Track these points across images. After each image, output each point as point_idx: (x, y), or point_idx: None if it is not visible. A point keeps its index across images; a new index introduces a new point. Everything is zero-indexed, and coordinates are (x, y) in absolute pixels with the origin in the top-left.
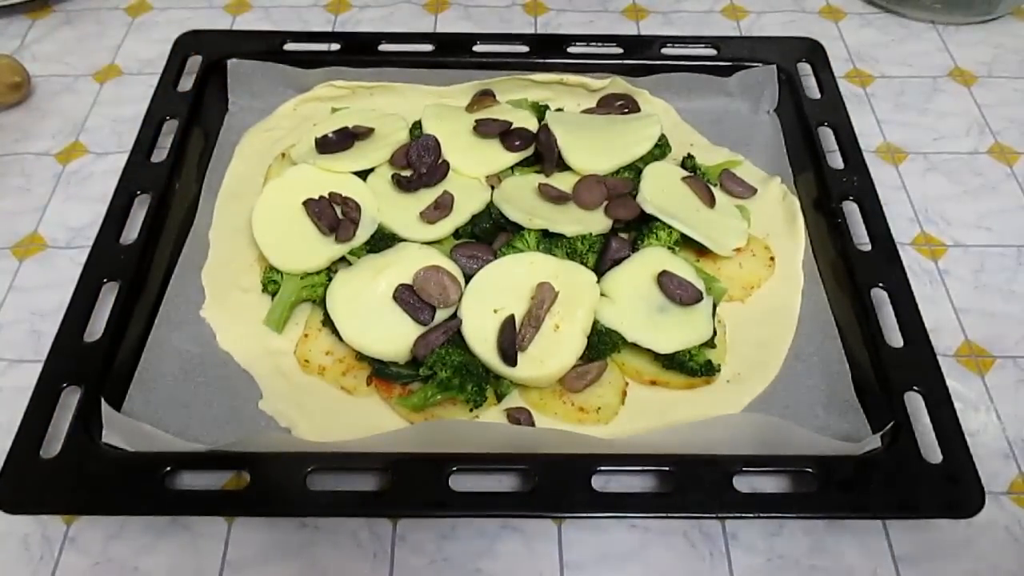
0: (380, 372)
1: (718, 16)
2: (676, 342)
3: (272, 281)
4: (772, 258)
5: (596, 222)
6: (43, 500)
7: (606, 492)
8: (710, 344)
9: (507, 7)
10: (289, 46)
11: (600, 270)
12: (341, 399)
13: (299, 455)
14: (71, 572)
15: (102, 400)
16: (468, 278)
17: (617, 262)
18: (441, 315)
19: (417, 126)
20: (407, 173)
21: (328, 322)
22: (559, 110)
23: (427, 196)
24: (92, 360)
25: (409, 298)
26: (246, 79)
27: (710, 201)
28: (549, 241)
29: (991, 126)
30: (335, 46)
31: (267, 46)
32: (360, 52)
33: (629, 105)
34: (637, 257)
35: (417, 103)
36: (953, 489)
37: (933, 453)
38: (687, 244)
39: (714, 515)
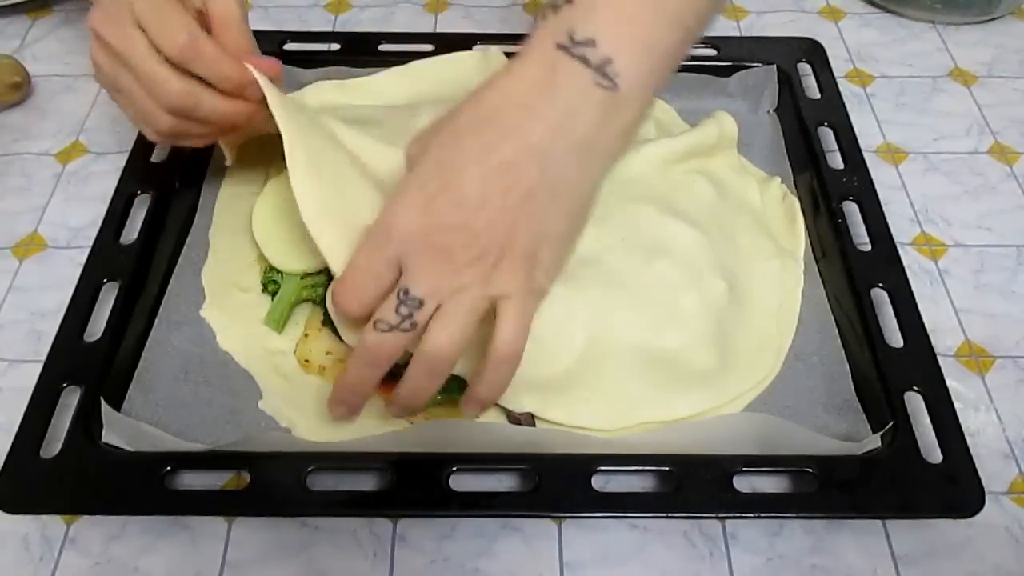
0: None
1: (718, 16)
2: None
3: (272, 281)
4: None
5: None
6: (43, 500)
7: (606, 492)
8: None
9: (507, 7)
10: (289, 46)
11: None
12: None
13: (299, 455)
14: (71, 572)
15: (102, 400)
16: None
17: None
18: None
19: None
20: None
21: (328, 322)
22: None
23: None
24: (92, 360)
25: None
26: None
27: None
28: None
29: (991, 126)
30: (335, 46)
31: (266, 46)
32: (360, 52)
33: None
34: None
35: None
36: (953, 489)
37: (933, 453)
38: None
39: (714, 515)
